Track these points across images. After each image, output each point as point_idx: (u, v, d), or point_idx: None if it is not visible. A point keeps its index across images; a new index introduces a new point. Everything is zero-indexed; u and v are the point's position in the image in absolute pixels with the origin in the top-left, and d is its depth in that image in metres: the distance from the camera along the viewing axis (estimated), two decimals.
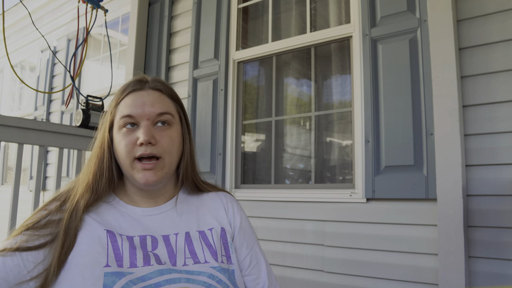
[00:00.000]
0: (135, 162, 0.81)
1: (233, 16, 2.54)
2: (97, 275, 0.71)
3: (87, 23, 2.35)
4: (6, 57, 2.05)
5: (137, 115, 0.82)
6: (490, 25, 1.62)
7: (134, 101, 0.83)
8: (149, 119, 0.82)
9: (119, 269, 0.73)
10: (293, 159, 2.37)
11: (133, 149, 0.80)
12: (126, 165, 0.82)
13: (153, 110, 0.83)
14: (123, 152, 0.81)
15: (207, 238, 0.86)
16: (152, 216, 0.85)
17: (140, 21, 2.90)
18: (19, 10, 4.74)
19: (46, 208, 0.80)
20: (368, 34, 1.93)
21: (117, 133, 0.83)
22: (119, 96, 0.86)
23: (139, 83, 0.86)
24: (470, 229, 1.57)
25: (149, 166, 0.80)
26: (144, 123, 0.81)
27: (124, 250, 0.76)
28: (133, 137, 0.81)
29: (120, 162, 0.84)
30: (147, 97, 0.84)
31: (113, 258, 0.74)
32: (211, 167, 2.42)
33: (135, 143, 0.80)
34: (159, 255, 0.79)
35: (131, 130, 0.82)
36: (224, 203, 0.95)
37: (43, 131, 1.85)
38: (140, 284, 0.72)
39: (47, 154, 3.93)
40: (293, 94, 2.44)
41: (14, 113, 4.95)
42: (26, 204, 1.87)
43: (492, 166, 1.56)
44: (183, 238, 0.83)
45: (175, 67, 2.80)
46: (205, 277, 0.78)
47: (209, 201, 0.94)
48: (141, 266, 0.75)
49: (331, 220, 1.96)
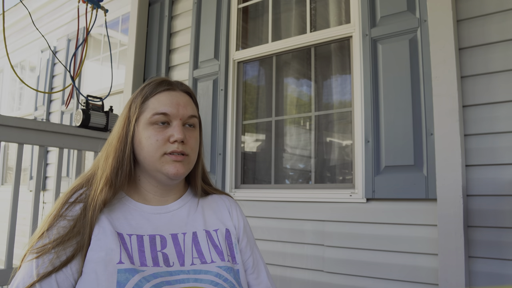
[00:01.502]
0: (165, 156, 0.84)
1: (233, 16, 2.54)
2: (111, 272, 0.72)
3: (87, 23, 2.35)
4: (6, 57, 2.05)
5: (172, 114, 0.85)
6: (490, 25, 1.62)
7: (170, 99, 0.86)
8: (181, 119, 0.86)
9: (132, 266, 0.74)
10: (293, 159, 2.38)
11: (164, 145, 0.83)
12: (153, 159, 0.84)
13: (186, 111, 0.87)
14: (153, 147, 0.83)
15: (213, 238, 0.89)
16: (161, 215, 0.87)
17: (140, 21, 2.90)
18: (19, 10, 4.74)
19: (70, 216, 0.79)
20: (368, 34, 1.93)
21: (146, 128, 0.84)
22: (148, 93, 0.87)
23: (169, 83, 0.89)
24: (470, 229, 1.57)
25: (180, 158, 0.85)
26: (177, 122, 0.85)
27: (134, 251, 0.78)
28: (166, 134, 0.84)
29: (143, 156, 0.85)
30: (181, 98, 0.87)
31: (125, 255, 0.76)
32: (211, 167, 2.42)
33: (167, 139, 0.84)
34: (168, 254, 0.81)
35: (163, 127, 0.84)
36: (228, 206, 0.98)
37: (43, 131, 1.85)
38: (153, 281, 0.74)
39: (47, 154, 3.93)
40: (293, 94, 2.44)
41: (14, 113, 4.95)
42: (26, 204, 1.88)
43: (492, 166, 1.56)
44: (191, 238, 0.86)
45: (175, 67, 2.80)
46: (212, 276, 0.81)
47: (213, 203, 0.97)
48: (151, 266, 0.77)
49: (331, 220, 1.96)
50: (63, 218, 0.77)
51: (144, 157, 0.84)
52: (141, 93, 0.88)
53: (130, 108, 0.87)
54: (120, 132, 0.86)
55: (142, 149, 0.84)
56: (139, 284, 0.72)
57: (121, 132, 0.86)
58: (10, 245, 1.68)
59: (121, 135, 0.85)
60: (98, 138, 2.06)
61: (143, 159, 0.85)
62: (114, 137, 0.87)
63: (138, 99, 0.87)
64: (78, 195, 0.82)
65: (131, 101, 0.88)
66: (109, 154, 0.85)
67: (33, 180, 1.87)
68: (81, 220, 0.77)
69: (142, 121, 0.85)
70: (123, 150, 0.84)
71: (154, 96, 0.86)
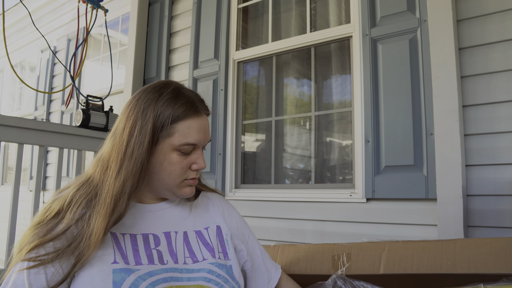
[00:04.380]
0: (184, 181, 0.85)
1: (233, 16, 2.54)
2: (106, 272, 0.72)
3: (87, 23, 2.35)
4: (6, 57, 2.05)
5: (199, 143, 0.84)
6: (490, 25, 1.62)
7: (199, 127, 0.83)
8: (203, 146, 0.87)
9: (126, 266, 0.74)
10: (293, 159, 2.38)
11: (186, 172, 0.84)
12: (173, 184, 0.83)
13: (207, 138, 0.86)
14: (176, 173, 0.82)
15: (204, 237, 0.89)
16: (154, 213, 0.87)
17: (140, 21, 2.90)
18: (19, 10, 4.74)
19: (67, 220, 0.75)
20: (368, 34, 1.93)
21: (170, 152, 0.81)
22: (179, 115, 0.80)
23: (197, 108, 0.83)
24: (470, 229, 1.57)
25: (195, 182, 0.87)
26: (200, 149, 0.85)
27: (128, 250, 0.78)
28: (189, 161, 0.84)
29: (160, 177, 0.82)
30: (206, 124, 0.86)
31: (119, 255, 0.75)
32: (211, 167, 2.42)
33: (189, 166, 0.84)
34: (162, 251, 0.81)
35: (187, 153, 0.83)
36: (217, 203, 0.99)
37: (43, 131, 1.85)
38: (149, 279, 0.74)
39: (47, 154, 3.93)
40: (293, 94, 2.44)
41: (14, 113, 4.95)
42: (26, 204, 1.88)
43: (492, 166, 1.56)
44: (182, 237, 0.86)
45: (175, 67, 2.80)
46: (205, 273, 0.81)
47: (204, 201, 0.98)
48: (146, 264, 0.77)
49: (331, 220, 1.96)
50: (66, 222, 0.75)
51: (162, 179, 0.82)
52: (168, 110, 0.80)
53: (156, 123, 0.79)
54: (140, 145, 0.77)
55: (163, 171, 0.81)
56: (136, 283, 0.72)
57: (140, 145, 0.77)
58: (10, 245, 1.68)
59: (141, 148, 0.77)
60: (98, 138, 2.06)
61: (159, 179, 0.82)
62: (126, 146, 0.77)
63: (164, 115, 0.79)
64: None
65: (154, 112, 0.79)
66: (121, 166, 0.77)
67: (33, 180, 1.87)
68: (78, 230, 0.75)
69: (167, 144, 0.80)
70: (137, 171, 0.77)
71: (184, 120, 0.81)
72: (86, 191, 0.78)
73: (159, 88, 0.83)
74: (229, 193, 2.36)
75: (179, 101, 0.81)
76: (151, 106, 0.80)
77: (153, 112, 0.79)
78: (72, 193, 0.78)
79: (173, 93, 0.82)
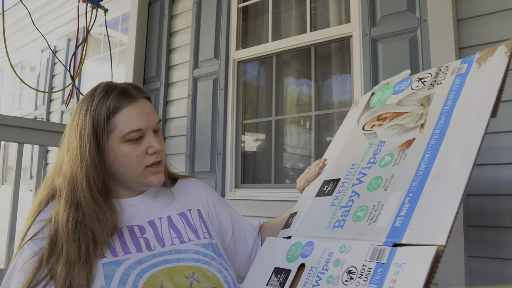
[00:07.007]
0: (146, 169, 0.86)
1: (233, 16, 2.54)
2: (96, 267, 0.75)
3: (87, 22, 2.35)
4: (6, 56, 2.05)
5: (145, 127, 0.84)
6: (490, 25, 1.62)
7: (138, 112, 0.84)
8: (152, 128, 0.87)
9: (115, 258, 0.77)
10: (293, 158, 2.38)
11: (144, 159, 0.85)
12: (135, 174, 0.85)
13: (154, 119, 0.87)
14: (134, 163, 0.84)
15: (188, 217, 0.93)
16: (134, 206, 0.89)
17: (140, 20, 2.90)
18: (19, 9, 4.74)
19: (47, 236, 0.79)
20: (368, 33, 1.93)
21: (120, 145, 0.82)
22: (112, 109, 0.82)
23: (129, 94, 0.85)
24: (470, 228, 1.57)
25: (160, 169, 0.88)
26: (150, 133, 0.86)
27: (115, 241, 0.81)
28: (142, 147, 0.84)
29: (121, 172, 0.85)
30: (146, 107, 0.86)
31: (107, 250, 0.79)
32: (211, 166, 2.42)
33: (145, 152, 0.85)
34: (148, 239, 0.84)
35: (137, 141, 0.84)
36: (195, 187, 1.03)
37: (43, 131, 1.86)
38: (138, 268, 0.77)
39: (47, 154, 3.94)
40: (293, 94, 2.44)
41: (14, 112, 4.95)
42: (26, 203, 1.88)
43: (492, 166, 1.56)
44: (166, 222, 0.89)
45: (175, 67, 2.80)
46: (192, 253, 0.85)
47: (182, 186, 1.02)
48: (134, 252, 0.80)
49: None
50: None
51: (124, 173, 0.85)
52: (101, 107, 0.82)
53: (94, 124, 0.81)
54: (88, 149, 0.80)
55: (121, 166, 0.83)
56: (126, 273, 0.75)
57: (89, 150, 0.80)
58: (10, 245, 1.68)
59: (91, 154, 0.80)
60: None
61: (121, 174, 0.85)
62: (77, 155, 0.81)
63: (100, 114, 0.81)
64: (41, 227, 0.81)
65: (90, 115, 0.82)
66: (75, 174, 0.80)
67: (33, 180, 1.87)
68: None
69: (113, 139, 0.82)
70: (100, 170, 0.81)
71: (120, 111, 0.82)
72: (74, 215, 0.78)
73: (92, 91, 0.86)
74: (229, 192, 2.36)
75: (111, 95, 0.83)
76: (88, 110, 0.83)
77: (90, 115, 0.82)
78: (65, 219, 0.78)
79: (104, 90, 0.84)
